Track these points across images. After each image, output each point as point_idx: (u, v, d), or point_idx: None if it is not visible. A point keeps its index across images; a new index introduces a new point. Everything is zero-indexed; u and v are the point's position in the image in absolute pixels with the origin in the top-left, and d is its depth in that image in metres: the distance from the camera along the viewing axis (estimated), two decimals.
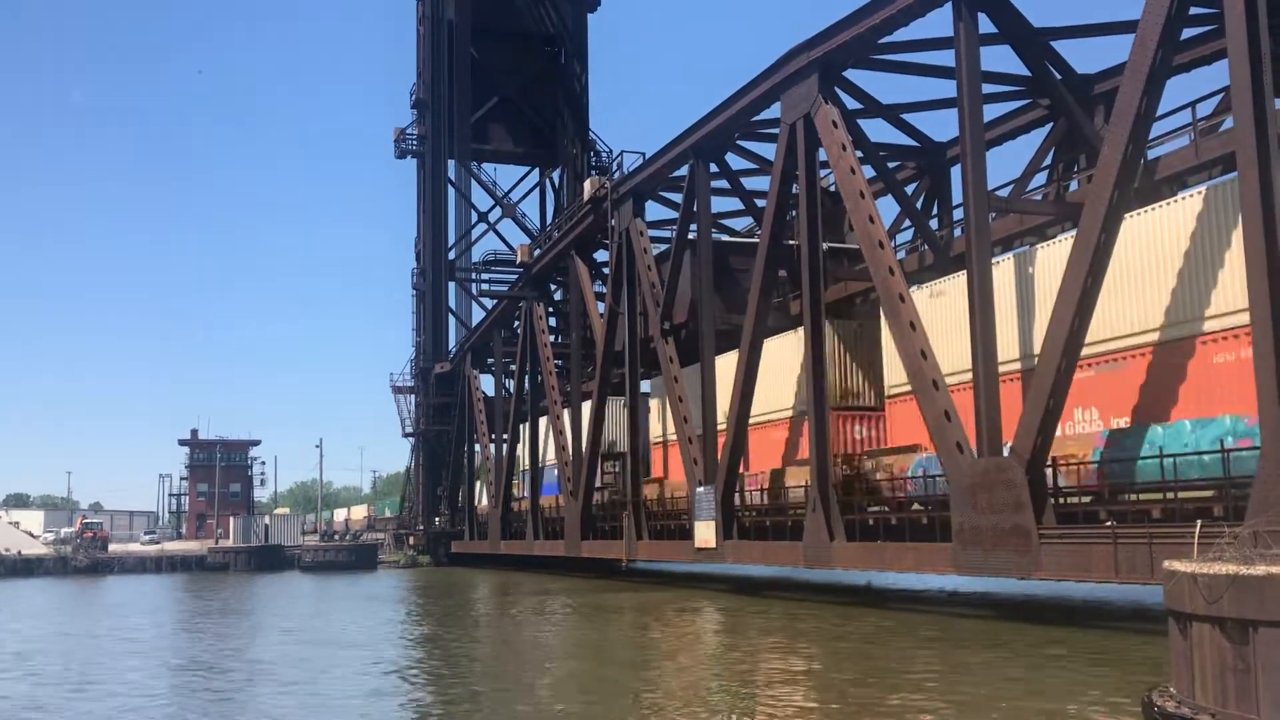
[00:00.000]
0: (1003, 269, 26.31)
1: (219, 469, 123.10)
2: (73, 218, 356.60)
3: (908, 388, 27.94)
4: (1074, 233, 23.42)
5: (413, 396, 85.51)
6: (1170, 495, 21.20)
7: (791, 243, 35.33)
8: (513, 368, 63.54)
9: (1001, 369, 24.86)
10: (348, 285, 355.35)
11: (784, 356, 35.30)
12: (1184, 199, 22.57)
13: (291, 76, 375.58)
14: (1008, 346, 25.55)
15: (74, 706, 17.83)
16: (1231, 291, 20.52)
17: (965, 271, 25.60)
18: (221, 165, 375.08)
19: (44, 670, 22.73)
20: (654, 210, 45.90)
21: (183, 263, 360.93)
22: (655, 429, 46.14)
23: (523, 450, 61.03)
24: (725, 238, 43.95)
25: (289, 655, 24.65)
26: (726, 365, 36.83)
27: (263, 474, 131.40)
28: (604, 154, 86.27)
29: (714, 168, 39.19)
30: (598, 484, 49.46)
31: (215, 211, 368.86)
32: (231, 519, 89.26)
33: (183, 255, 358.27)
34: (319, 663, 22.93)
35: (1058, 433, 23.34)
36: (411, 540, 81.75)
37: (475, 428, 70.51)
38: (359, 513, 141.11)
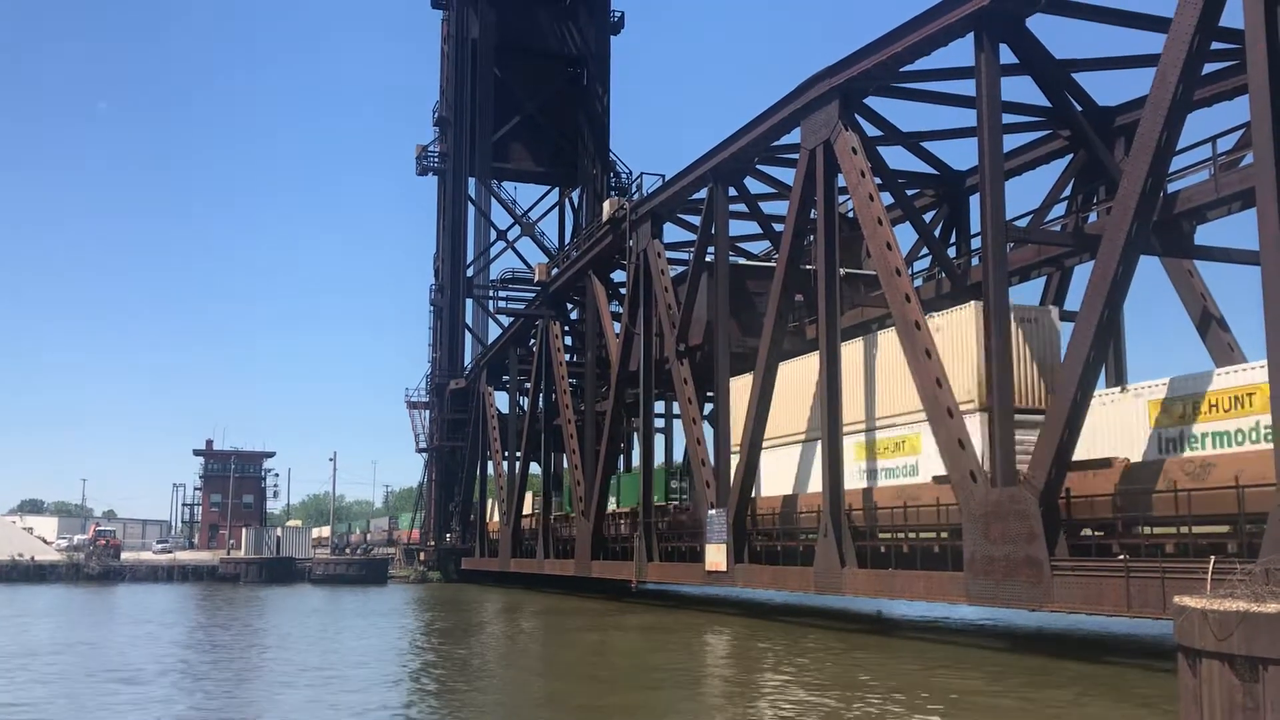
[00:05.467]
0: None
1: (233, 480, 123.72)
2: (95, 227, 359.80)
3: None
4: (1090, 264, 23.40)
5: (427, 412, 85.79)
6: (1184, 529, 21.09)
7: (808, 267, 35.37)
8: (527, 385, 63.71)
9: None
10: (366, 300, 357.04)
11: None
12: None
13: (316, 92, 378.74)
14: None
15: None
16: None
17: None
18: (243, 179, 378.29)
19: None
20: (672, 232, 46.05)
21: (202, 274, 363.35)
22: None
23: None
24: (742, 261, 44.03)
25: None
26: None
27: (276, 486, 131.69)
28: (624, 175, 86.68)
29: (733, 191, 39.34)
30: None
31: (237, 224, 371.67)
32: (244, 530, 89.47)
33: (203, 267, 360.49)
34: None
35: None
36: (422, 556, 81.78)
37: (489, 444, 70.65)
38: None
